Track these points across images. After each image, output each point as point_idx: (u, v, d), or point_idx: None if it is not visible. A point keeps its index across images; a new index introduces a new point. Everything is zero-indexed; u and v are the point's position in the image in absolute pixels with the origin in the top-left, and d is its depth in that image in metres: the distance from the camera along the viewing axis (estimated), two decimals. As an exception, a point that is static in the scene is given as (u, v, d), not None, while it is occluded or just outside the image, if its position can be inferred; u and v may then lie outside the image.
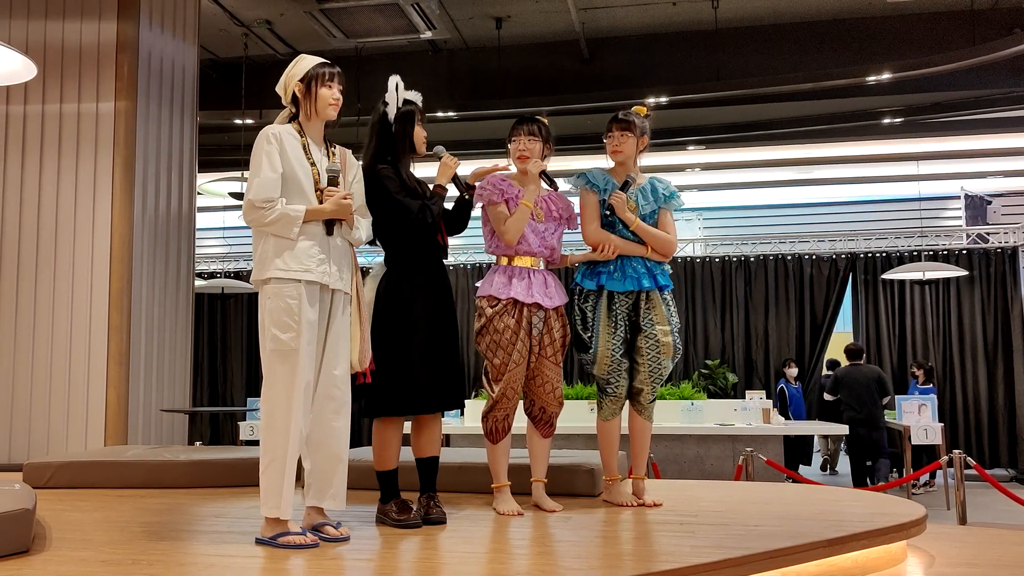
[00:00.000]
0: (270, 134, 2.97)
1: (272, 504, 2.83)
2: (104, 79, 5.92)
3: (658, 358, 3.56)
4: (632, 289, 3.56)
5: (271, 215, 2.89)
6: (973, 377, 10.22)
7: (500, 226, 3.46)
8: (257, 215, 2.90)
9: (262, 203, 2.89)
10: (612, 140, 3.66)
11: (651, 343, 3.55)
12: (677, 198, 3.72)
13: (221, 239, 12.15)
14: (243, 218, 2.95)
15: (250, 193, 2.91)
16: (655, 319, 3.57)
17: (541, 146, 3.56)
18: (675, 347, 3.60)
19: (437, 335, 3.26)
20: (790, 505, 3.58)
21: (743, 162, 10.01)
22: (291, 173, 2.94)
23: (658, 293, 3.60)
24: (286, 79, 3.08)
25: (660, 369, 3.58)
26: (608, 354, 3.53)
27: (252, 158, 2.97)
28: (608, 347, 3.53)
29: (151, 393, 6.01)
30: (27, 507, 2.76)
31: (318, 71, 3.06)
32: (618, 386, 3.56)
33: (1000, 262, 10.33)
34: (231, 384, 11.78)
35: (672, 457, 7.41)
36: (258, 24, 8.75)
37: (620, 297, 3.56)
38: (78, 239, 5.83)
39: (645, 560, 2.59)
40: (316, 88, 3.04)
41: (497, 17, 8.84)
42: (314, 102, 3.04)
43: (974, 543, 3.70)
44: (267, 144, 2.95)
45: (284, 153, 2.95)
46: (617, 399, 3.58)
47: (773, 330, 10.70)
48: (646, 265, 3.60)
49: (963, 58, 7.75)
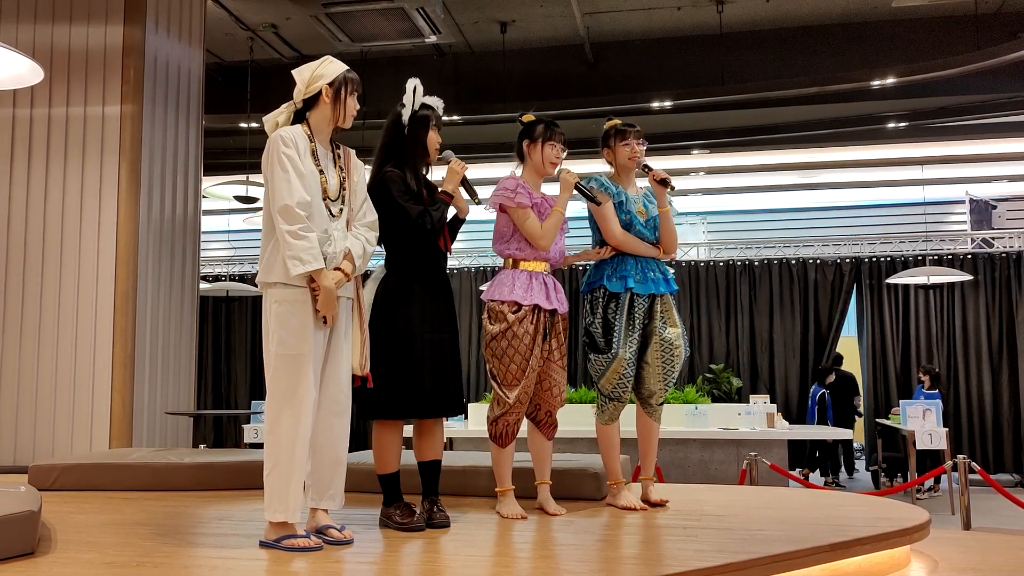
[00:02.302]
0: (287, 137, 2.92)
1: (276, 508, 2.83)
2: (110, 83, 5.94)
3: (672, 361, 3.62)
4: (652, 292, 3.63)
5: (305, 239, 2.82)
6: (978, 382, 10.19)
7: (536, 231, 3.44)
8: (294, 221, 2.82)
9: (302, 207, 2.84)
10: (630, 148, 3.71)
11: (665, 346, 3.61)
12: (672, 203, 3.82)
13: (226, 242, 12.17)
14: (277, 216, 2.84)
15: (287, 197, 2.83)
16: (668, 322, 3.64)
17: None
18: (685, 350, 3.68)
19: (436, 339, 3.25)
20: (793, 510, 3.58)
21: (748, 166, 10.00)
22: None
23: (670, 297, 3.70)
24: (311, 77, 3.00)
25: (673, 372, 3.64)
26: (625, 359, 3.56)
27: (270, 161, 2.90)
28: (626, 353, 3.56)
29: (156, 396, 6.03)
30: (32, 509, 2.77)
31: (348, 78, 3.03)
32: (626, 391, 3.60)
33: (1005, 267, 10.30)
34: (235, 387, 11.79)
35: (676, 461, 7.40)
36: (263, 28, 8.78)
37: (639, 300, 3.61)
38: (84, 242, 5.85)
39: (648, 564, 2.60)
40: (345, 95, 3.01)
41: (502, 21, 8.86)
42: (343, 109, 3.01)
43: (978, 548, 3.69)
44: (285, 147, 2.89)
45: (300, 157, 2.91)
46: (621, 403, 3.62)
47: (778, 335, 10.68)
48: (660, 269, 3.69)
49: (968, 62, 7.75)
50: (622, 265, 3.65)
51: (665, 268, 3.72)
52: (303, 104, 3.04)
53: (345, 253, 2.99)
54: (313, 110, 3.02)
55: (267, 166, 2.93)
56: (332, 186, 3.02)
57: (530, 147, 3.57)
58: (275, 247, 2.91)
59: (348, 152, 3.17)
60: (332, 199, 3.00)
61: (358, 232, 3.09)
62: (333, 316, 2.91)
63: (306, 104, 3.03)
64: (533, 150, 3.56)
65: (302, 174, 2.89)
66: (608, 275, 3.66)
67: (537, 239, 3.45)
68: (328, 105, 3.01)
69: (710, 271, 10.95)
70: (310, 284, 2.88)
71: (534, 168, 3.58)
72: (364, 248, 3.07)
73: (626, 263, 3.65)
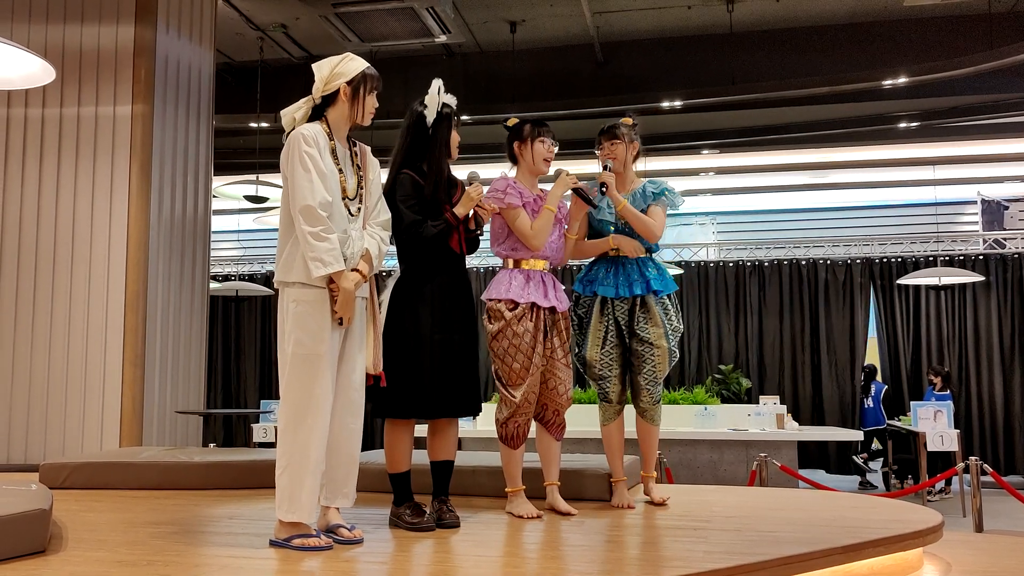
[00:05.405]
0: (307, 135, 2.89)
1: (287, 507, 2.83)
2: (121, 83, 5.96)
3: (653, 361, 3.62)
4: (625, 295, 3.63)
5: (327, 240, 2.80)
6: (989, 383, 10.13)
7: (526, 230, 3.44)
8: (316, 223, 2.79)
9: (324, 208, 2.82)
10: (601, 150, 3.77)
11: (645, 347, 3.61)
12: (669, 192, 3.77)
13: (236, 242, 12.21)
14: (299, 217, 2.81)
15: (308, 198, 2.80)
16: (649, 323, 3.63)
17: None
18: (670, 351, 3.65)
19: (445, 340, 3.23)
20: (805, 511, 3.56)
21: (757, 166, 9.98)
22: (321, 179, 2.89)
23: (652, 297, 3.66)
24: (331, 74, 2.97)
25: (655, 373, 3.63)
26: (597, 358, 3.62)
27: (291, 160, 2.86)
28: (595, 354, 3.62)
29: (166, 395, 6.04)
30: (44, 507, 2.78)
31: (368, 75, 3.00)
32: (608, 392, 3.64)
33: (1017, 267, 10.24)
34: (245, 386, 11.82)
35: (685, 462, 7.38)
36: (273, 28, 8.79)
37: (615, 303, 3.64)
38: (95, 241, 5.87)
39: (657, 565, 2.59)
40: (364, 93, 2.99)
41: (511, 21, 8.85)
42: (362, 107, 3.00)
43: (991, 550, 3.66)
44: (307, 146, 2.86)
45: (320, 156, 2.89)
46: (610, 404, 3.67)
47: (787, 335, 10.64)
48: (641, 271, 3.66)
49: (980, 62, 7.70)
50: (593, 270, 3.73)
51: (650, 269, 3.68)
52: (321, 100, 3.01)
53: (363, 254, 2.99)
54: (332, 107, 3.00)
55: (287, 165, 2.89)
56: (351, 185, 3.01)
57: (520, 148, 3.58)
58: (293, 246, 2.89)
59: (364, 149, 3.16)
60: (351, 198, 3.00)
61: (373, 231, 3.08)
62: (350, 318, 2.91)
63: (325, 100, 3.01)
64: (524, 150, 3.57)
65: (324, 174, 2.87)
66: (580, 279, 3.75)
67: (528, 238, 3.45)
68: (346, 103, 2.99)
69: (719, 272, 10.92)
70: (329, 285, 2.88)
71: (527, 168, 3.58)
72: (379, 248, 3.07)
73: (596, 268, 3.72)
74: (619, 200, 3.64)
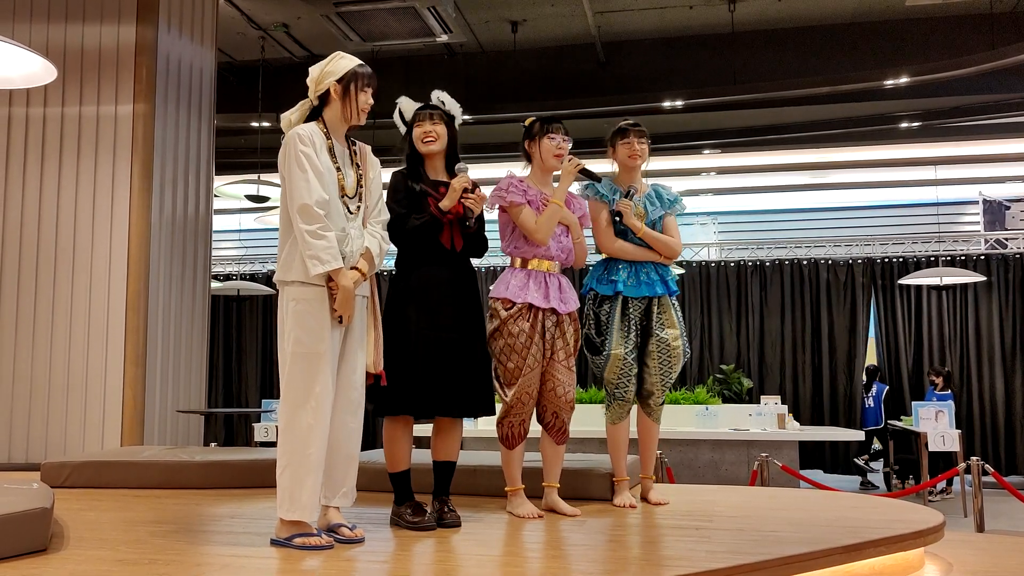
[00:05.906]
0: (304, 135, 2.90)
1: (288, 506, 2.82)
2: (123, 82, 5.96)
3: (669, 361, 3.65)
4: (646, 295, 3.64)
5: (325, 238, 2.80)
6: (990, 383, 10.13)
7: (530, 225, 3.42)
8: (313, 220, 2.80)
9: (321, 206, 2.82)
10: (629, 146, 3.71)
11: (663, 347, 3.63)
12: (680, 202, 3.84)
13: (237, 241, 12.21)
14: (296, 215, 2.82)
15: (305, 197, 2.81)
16: (666, 323, 3.66)
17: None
18: (684, 350, 3.70)
19: (437, 338, 3.20)
20: (806, 511, 3.56)
21: (759, 166, 9.97)
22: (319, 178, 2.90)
23: (668, 298, 3.70)
24: (321, 74, 2.99)
25: (671, 372, 3.67)
26: (620, 358, 3.59)
27: (288, 160, 2.87)
28: (620, 352, 3.59)
29: (167, 394, 6.05)
30: (45, 506, 2.79)
31: (359, 72, 3.00)
32: (627, 390, 3.62)
33: (1018, 268, 10.24)
34: (246, 385, 11.83)
35: (686, 462, 7.38)
36: (275, 27, 8.80)
37: (634, 302, 3.64)
38: (96, 241, 5.87)
39: (659, 564, 2.58)
40: (355, 91, 2.99)
41: (513, 21, 8.85)
42: (353, 104, 2.99)
43: (992, 550, 3.66)
44: (303, 145, 2.87)
45: (316, 155, 2.89)
46: (625, 403, 3.65)
47: (788, 335, 10.64)
48: (658, 271, 3.69)
49: (982, 62, 7.69)
50: (612, 269, 3.70)
51: (665, 270, 3.72)
52: (318, 101, 3.03)
53: (363, 252, 2.99)
54: (327, 107, 3.01)
55: (284, 165, 2.90)
56: (349, 183, 3.01)
57: (531, 145, 3.58)
58: (292, 245, 2.89)
59: (364, 149, 3.16)
60: (350, 196, 3.00)
61: (373, 230, 3.08)
62: (350, 316, 2.91)
63: (320, 101, 3.02)
64: (534, 147, 3.57)
65: (320, 172, 2.88)
66: (598, 279, 3.72)
67: (532, 233, 3.43)
68: (339, 101, 3.00)
69: (720, 271, 10.92)
70: (328, 283, 2.88)
71: (539, 165, 3.57)
72: (380, 246, 3.07)
73: (616, 267, 3.69)
74: (639, 228, 3.65)
